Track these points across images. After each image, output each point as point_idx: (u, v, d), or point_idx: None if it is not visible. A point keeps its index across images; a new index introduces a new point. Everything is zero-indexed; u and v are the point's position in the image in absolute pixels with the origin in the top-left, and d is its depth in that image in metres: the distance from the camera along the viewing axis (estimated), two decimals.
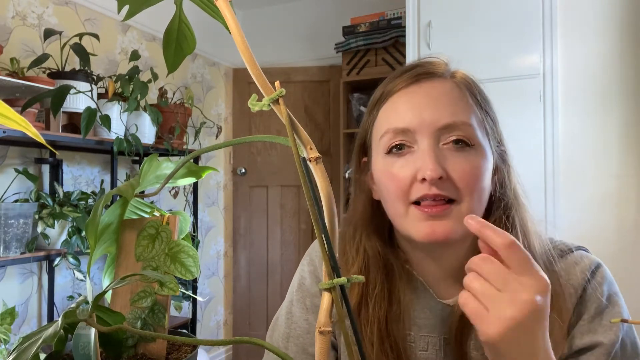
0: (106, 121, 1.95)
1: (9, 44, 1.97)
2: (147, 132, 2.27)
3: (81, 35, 1.98)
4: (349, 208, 0.75)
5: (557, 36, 1.96)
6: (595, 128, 1.96)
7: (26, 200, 1.93)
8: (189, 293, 1.50)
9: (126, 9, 0.45)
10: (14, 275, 1.98)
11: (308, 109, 3.35)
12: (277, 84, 0.35)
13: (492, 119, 0.67)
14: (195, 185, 2.77)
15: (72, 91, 1.84)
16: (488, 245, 0.51)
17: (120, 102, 2.08)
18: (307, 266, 0.78)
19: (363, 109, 2.95)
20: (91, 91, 1.96)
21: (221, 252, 3.37)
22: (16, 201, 1.90)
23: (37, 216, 1.85)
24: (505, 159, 0.69)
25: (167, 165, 0.56)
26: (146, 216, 0.56)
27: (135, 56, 2.18)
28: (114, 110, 2.06)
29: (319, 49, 3.32)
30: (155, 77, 2.26)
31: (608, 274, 0.66)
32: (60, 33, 1.93)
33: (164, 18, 0.47)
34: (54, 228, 1.85)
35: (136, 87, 2.08)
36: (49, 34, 1.91)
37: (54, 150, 0.64)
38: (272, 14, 3.48)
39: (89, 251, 0.48)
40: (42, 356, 0.41)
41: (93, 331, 0.40)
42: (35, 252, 1.84)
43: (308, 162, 0.35)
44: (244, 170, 3.41)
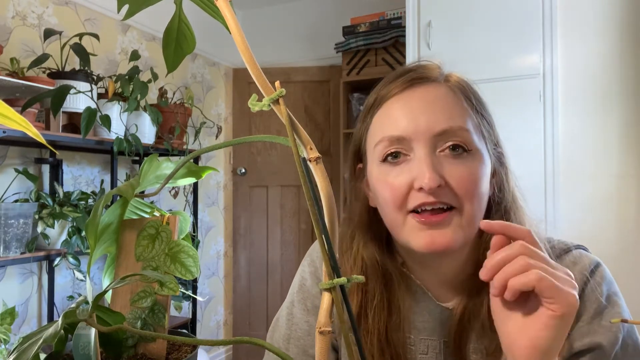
0: (106, 121, 1.95)
1: (9, 44, 1.97)
2: (147, 132, 2.27)
3: (81, 35, 1.98)
4: (343, 216, 0.74)
5: (557, 36, 1.96)
6: (595, 128, 1.96)
7: (26, 200, 1.93)
8: (189, 293, 1.50)
9: (126, 8, 0.45)
10: (14, 275, 1.98)
11: (308, 109, 3.35)
12: (277, 84, 0.35)
13: (488, 121, 0.66)
14: (195, 185, 2.77)
15: (72, 91, 1.84)
16: (503, 240, 0.52)
17: (120, 102, 2.08)
18: (307, 267, 0.78)
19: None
20: (91, 91, 1.96)
21: (221, 252, 3.37)
22: (16, 201, 1.90)
23: (37, 216, 1.85)
24: (503, 162, 0.68)
25: (167, 165, 0.56)
26: (146, 216, 0.56)
27: (135, 56, 2.18)
28: (114, 110, 2.06)
29: (319, 49, 3.32)
30: (155, 77, 2.26)
31: (607, 274, 0.65)
32: (60, 33, 1.93)
33: (164, 18, 0.47)
34: (54, 228, 1.85)
35: (136, 87, 2.08)
36: (49, 34, 1.91)
37: (54, 150, 0.64)
38: (272, 14, 3.48)
39: (89, 251, 0.48)
40: (42, 356, 0.41)
41: (93, 331, 0.40)
42: (35, 252, 1.84)
43: (308, 162, 0.35)
44: (244, 170, 3.40)
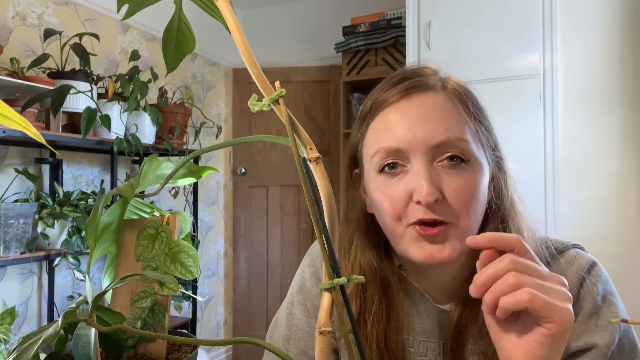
0: (106, 121, 1.94)
1: (9, 44, 1.97)
2: (147, 132, 2.27)
3: (81, 35, 1.98)
4: (342, 218, 0.74)
5: (557, 36, 1.96)
6: (595, 128, 1.96)
7: (26, 200, 1.93)
8: (189, 293, 1.50)
9: (126, 8, 0.45)
10: (14, 275, 1.98)
11: (308, 109, 3.35)
12: (277, 84, 0.35)
13: (487, 127, 0.65)
14: (195, 185, 2.77)
15: (72, 91, 1.84)
16: (492, 254, 0.50)
17: (120, 102, 2.08)
18: (307, 267, 0.77)
19: None
20: (91, 91, 1.96)
21: (221, 252, 3.37)
22: (16, 201, 1.90)
23: (37, 216, 1.85)
24: (501, 166, 0.67)
25: (167, 165, 0.56)
26: (146, 216, 0.56)
27: (135, 56, 2.18)
28: (114, 110, 2.06)
29: (319, 49, 3.32)
30: (155, 77, 2.26)
31: (603, 273, 0.65)
32: (60, 33, 1.93)
33: (164, 18, 0.47)
34: (54, 228, 1.85)
35: (136, 87, 2.08)
36: (49, 34, 1.91)
37: (54, 150, 0.64)
38: (272, 14, 3.48)
39: (89, 251, 0.48)
40: (42, 356, 0.41)
41: (93, 331, 0.40)
42: (35, 252, 1.84)
43: (308, 162, 0.35)
44: (244, 170, 3.40)
